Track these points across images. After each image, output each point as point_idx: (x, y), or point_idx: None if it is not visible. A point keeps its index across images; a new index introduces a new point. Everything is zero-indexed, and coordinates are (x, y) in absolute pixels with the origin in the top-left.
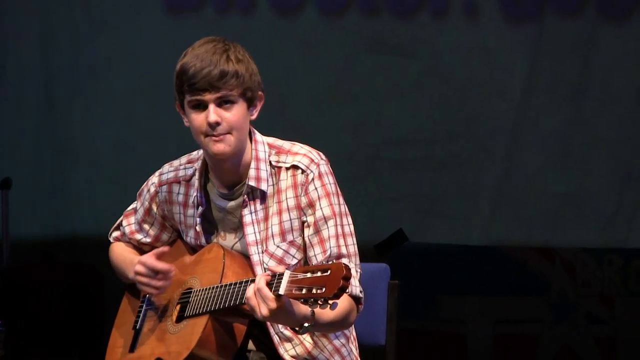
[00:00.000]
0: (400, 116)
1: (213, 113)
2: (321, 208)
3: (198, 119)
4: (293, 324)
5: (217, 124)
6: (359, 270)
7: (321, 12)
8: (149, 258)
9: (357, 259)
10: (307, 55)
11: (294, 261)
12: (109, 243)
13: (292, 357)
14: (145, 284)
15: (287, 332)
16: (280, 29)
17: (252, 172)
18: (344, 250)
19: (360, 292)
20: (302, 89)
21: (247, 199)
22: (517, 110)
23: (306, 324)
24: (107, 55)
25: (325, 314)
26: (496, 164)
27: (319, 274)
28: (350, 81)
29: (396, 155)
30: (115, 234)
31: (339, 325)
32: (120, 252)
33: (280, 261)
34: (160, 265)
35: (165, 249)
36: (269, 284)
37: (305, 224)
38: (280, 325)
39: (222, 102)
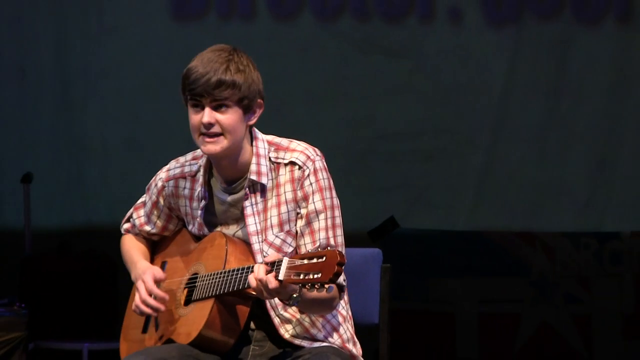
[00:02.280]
0: (390, 113)
1: (207, 115)
2: (314, 202)
3: (195, 118)
4: (285, 297)
5: (210, 125)
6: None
7: (316, 17)
8: (150, 281)
9: (344, 248)
10: (303, 58)
11: (291, 249)
12: (121, 233)
13: (293, 336)
14: (140, 302)
15: (287, 314)
16: (279, 34)
17: (253, 167)
18: (332, 242)
19: (344, 280)
20: (299, 89)
21: (248, 192)
22: (498, 107)
23: (295, 295)
24: (118, 58)
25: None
26: (479, 156)
27: (315, 260)
28: (344, 81)
29: (387, 149)
30: (126, 225)
31: (322, 305)
32: (128, 250)
33: (279, 249)
34: (157, 290)
35: (162, 276)
36: (268, 271)
37: (299, 216)
38: (280, 308)
39: (218, 106)
